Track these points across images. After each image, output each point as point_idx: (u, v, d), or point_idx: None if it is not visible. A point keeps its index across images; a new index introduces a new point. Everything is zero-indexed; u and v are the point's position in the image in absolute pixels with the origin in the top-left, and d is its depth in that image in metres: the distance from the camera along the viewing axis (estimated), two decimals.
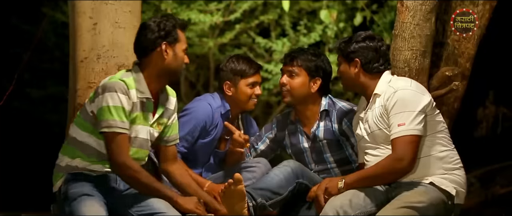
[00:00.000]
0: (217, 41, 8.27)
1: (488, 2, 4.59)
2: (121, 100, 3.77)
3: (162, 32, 3.87)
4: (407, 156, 3.82)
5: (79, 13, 4.64)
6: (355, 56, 4.04)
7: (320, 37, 8.24)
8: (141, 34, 3.92)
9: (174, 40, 3.88)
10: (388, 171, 3.87)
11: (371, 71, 4.03)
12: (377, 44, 4.05)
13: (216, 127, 4.48)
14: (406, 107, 3.85)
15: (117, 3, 4.62)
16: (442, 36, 4.64)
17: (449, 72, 4.54)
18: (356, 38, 4.08)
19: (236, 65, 4.49)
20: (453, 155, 3.97)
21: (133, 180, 3.81)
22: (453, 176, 3.92)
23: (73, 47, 4.71)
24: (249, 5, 8.13)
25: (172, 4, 7.91)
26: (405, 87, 3.92)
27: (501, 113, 8.02)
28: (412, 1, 4.39)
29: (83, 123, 3.88)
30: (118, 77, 3.85)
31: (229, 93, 4.49)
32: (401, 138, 3.83)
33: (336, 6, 7.84)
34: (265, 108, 8.78)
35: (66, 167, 3.87)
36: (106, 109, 3.76)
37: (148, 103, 3.90)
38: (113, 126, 3.75)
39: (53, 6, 8.25)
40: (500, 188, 6.71)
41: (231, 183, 3.96)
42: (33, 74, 8.53)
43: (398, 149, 3.84)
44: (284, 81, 4.41)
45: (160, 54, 3.88)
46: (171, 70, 3.91)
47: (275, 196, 4.18)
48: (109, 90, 3.78)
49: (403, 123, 3.83)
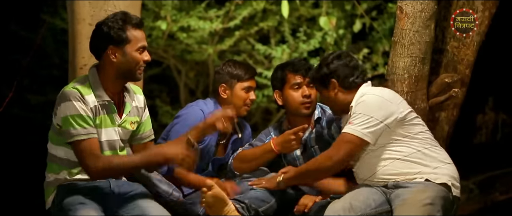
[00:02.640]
0: (216, 47, 8.26)
1: (487, 9, 4.59)
2: (77, 107, 3.71)
3: (107, 35, 3.76)
4: (338, 154, 3.88)
5: (79, 20, 4.65)
6: (330, 78, 4.09)
7: (319, 44, 8.23)
8: (91, 37, 3.86)
9: (122, 42, 3.77)
10: (317, 168, 3.96)
11: (349, 86, 4.07)
12: (346, 60, 4.10)
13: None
14: (364, 110, 3.90)
15: (116, 10, 4.62)
16: (441, 43, 4.64)
17: (448, 79, 4.54)
18: (324, 62, 4.13)
19: (233, 68, 4.49)
20: (440, 152, 3.98)
21: (115, 173, 3.78)
22: (444, 170, 3.92)
23: (72, 53, 4.71)
24: (248, 12, 8.13)
25: (171, 11, 7.91)
26: (374, 93, 3.97)
27: (501, 120, 8.02)
28: (411, 8, 4.39)
29: (53, 137, 3.84)
30: (72, 86, 3.78)
31: (224, 96, 4.48)
32: (341, 136, 3.91)
33: (335, 12, 7.84)
34: (264, 115, 8.78)
35: (56, 181, 3.83)
36: (65, 119, 3.71)
37: (110, 105, 3.83)
38: (74, 135, 3.70)
39: (52, 13, 8.25)
40: (500, 195, 6.71)
41: (204, 191, 3.93)
42: (33, 80, 8.53)
43: (333, 146, 3.92)
44: (309, 92, 4.39)
45: (108, 58, 3.79)
46: (124, 72, 3.81)
47: (264, 204, 4.16)
48: (64, 99, 3.73)
49: (351, 122, 3.89)
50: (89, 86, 3.79)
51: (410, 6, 4.40)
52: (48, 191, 3.87)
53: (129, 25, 3.79)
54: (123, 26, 3.77)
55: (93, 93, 3.78)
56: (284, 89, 4.43)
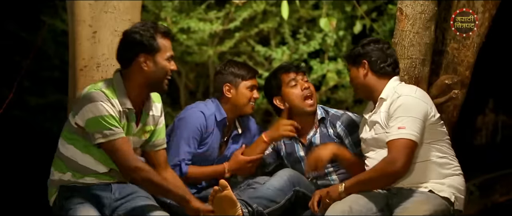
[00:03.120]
0: (216, 49, 8.27)
1: (487, 11, 4.59)
2: (107, 108, 3.70)
3: (139, 44, 3.74)
4: (400, 159, 3.82)
5: (79, 22, 4.65)
6: (362, 58, 4.07)
7: (319, 45, 8.25)
8: (120, 46, 3.82)
9: (153, 50, 3.76)
10: (381, 174, 3.89)
11: (379, 71, 4.05)
12: (383, 46, 4.09)
13: (211, 135, 4.47)
14: (408, 112, 3.87)
15: (116, 12, 4.63)
16: (441, 44, 4.64)
17: (448, 80, 4.54)
18: (362, 43, 4.13)
19: (236, 68, 4.52)
20: (452, 162, 3.98)
21: (147, 182, 3.77)
22: (451, 181, 3.93)
23: (72, 55, 4.71)
24: (248, 14, 8.13)
25: (171, 12, 7.91)
26: (409, 94, 3.94)
27: (501, 121, 8.02)
28: (411, 9, 4.39)
29: (68, 135, 3.82)
30: (97, 88, 3.75)
31: (228, 95, 4.49)
32: (397, 141, 3.85)
33: (335, 14, 7.85)
34: (265, 116, 8.78)
35: (59, 181, 3.84)
36: (94, 120, 3.69)
37: (130, 114, 3.83)
38: (108, 135, 3.69)
39: (52, 14, 8.25)
40: (500, 197, 6.69)
41: (217, 190, 3.91)
42: (33, 82, 8.53)
43: (392, 151, 3.85)
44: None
45: (139, 66, 3.77)
46: (152, 81, 3.80)
47: (272, 204, 4.18)
48: (90, 100, 3.70)
49: (403, 126, 3.84)
50: (113, 91, 3.77)
51: (410, 8, 4.40)
52: (52, 191, 3.88)
53: (159, 33, 3.78)
54: (154, 35, 3.76)
55: (117, 99, 3.77)
56: (282, 91, 4.44)
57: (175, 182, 3.98)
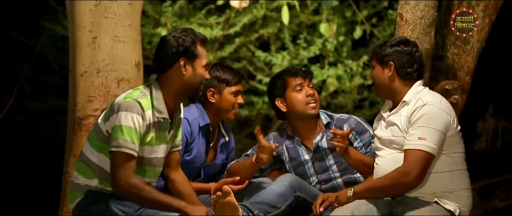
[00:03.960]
0: (216, 54, 8.26)
1: (487, 16, 4.60)
2: (135, 121, 3.68)
3: (180, 48, 3.76)
4: (415, 171, 3.79)
5: (79, 27, 4.65)
6: (389, 60, 4.00)
7: (320, 51, 8.25)
8: (160, 49, 3.81)
9: (193, 56, 3.78)
10: (394, 184, 3.85)
11: (404, 76, 3.99)
12: (412, 49, 4.01)
13: (196, 140, 4.42)
14: (430, 123, 3.82)
15: (116, 17, 4.63)
16: (441, 50, 4.64)
17: (448, 86, 4.54)
18: (391, 42, 4.04)
19: (221, 73, 4.45)
20: (463, 176, 3.95)
21: (138, 198, 3.74)
22: (458, 195, 3.90)
23: (72, 60, 4.71)
24: (249, 19, 8.13)
25: (171, 17, 7.92)
26: (434, 103, 3.88)
27: (501, 127, 8.02)
28: (411, 15, 4.39)
29: (97, 143, 3.80)
30: (134, 97, 3.74)
31: (212, 100, 4.44)
32: (415, 151, 3.80)
33: (335, 19, 7.85)
34: (264, 122, 8.78)
35: (86, 186, 3.81)
36: (119, 128, 3.67)
37: (165, 123, 3.83)
38: (122, 146, 3.67)
39: (53, 20, 8.25)
40: (500, 202, 6.69)
41: (220, 195, 3.91)
42: (33, 87, 8.54)
43: (408, 162, 3.81)
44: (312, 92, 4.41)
45: (178, 70, 3.78)
46: (190, 87, 3.82)
47: (272, 210, 4.18)
48: (125, 109, 3.69)
49: (424, 137, 3.80)
50: (150, 100, 3.78)
51: (410, 13, 4.40)
52: (76, 194, 3.84)
53: (199, 41, 3.82)
54: (195, 41, 3.80)
55: (152, 109, 3.77)
56: (286, 94, 4.43)
57: (183, 185, 4.01)
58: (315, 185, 4.44)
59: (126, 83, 4.60)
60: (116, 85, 4.57)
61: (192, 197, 3.98)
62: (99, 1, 4.64)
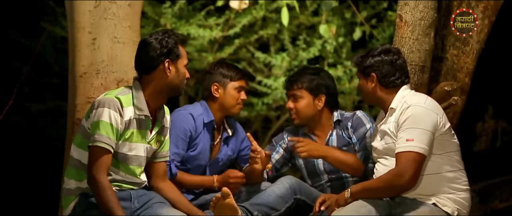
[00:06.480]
0: (216, 55, 8.27)
1: (487, 17, 4.60)
2: (111, 117, 3.74)
3: (164, 49, 3.85)
4: (408, 173, 3.80)
5: (79, 28, 4.65)
6: (371, 71, 4.04)
7: (319, 52, 8.25)
8: (142, 51, 3.89)
9: (176, 57, 3.88)
10: (388, 186, 3.87)
11: (388, 85, 4.03)
12: (392, 58, 4.04)
13: (201, 136, 4.46)
14: (416, 124, 3.84)
15: (116, 19, 4.63)
16: (441, 51, 4.65)
17: (448, 87, 4.54)
18: (372, 52, 4.08)
19: (225, 69, 4.53)
20: (461, 177, 3.95)
21: (96, 196, 3.72)
22: (457, 197, 3.91)
23: (72, 62, 4.71)
24: (248, 20, 8.14)
25: (171, 19, 7.92)
26: (418, 104, 3.91)
27: (501, 128, 8.02)
28: (411, 16, 4.40)
29: (82, 141, 3.84)
30: (114, 94, 3.82)
31: (216, 95, 4.50)
32: (406, 153, 3.82)
33: (335, 20, 7.85)
34: (264, 123, 8.78)
35: (77, 189, 3.84)
36: (96, 123, 3.74)
37: (146, 121, 3.89)
38: (97, 141, 3.72)
39: (52, 21, 8.25)
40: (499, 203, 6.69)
41: (219, 197, 3.94)
42: (33, 88, 8.54)
43: (400, 164, 3.83)
44: (290, 105, 4.49)
45: (162, 72, 3.86)
46: (173, 87, 3.91)
47: (272, 212, 4.19)
48: (103, 105, 3.75)
49: (412, 139, 3.82)
50: (131, 98, 3.84)
51: (410, 15, 4.40)
52: (69, 199, 3.87)
53: (179, 41, 3.90)
54: (177, 42, 3.89)
55: (133, 106, 3.82)
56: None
57: (172, 193, 4.03)
58: (326, 182, 4.47)
59: (125, 84, 4.59)
60: (116, 86, 4.56)
61: (183, 203, 4.02)
62: (99, 2, 4.64)
